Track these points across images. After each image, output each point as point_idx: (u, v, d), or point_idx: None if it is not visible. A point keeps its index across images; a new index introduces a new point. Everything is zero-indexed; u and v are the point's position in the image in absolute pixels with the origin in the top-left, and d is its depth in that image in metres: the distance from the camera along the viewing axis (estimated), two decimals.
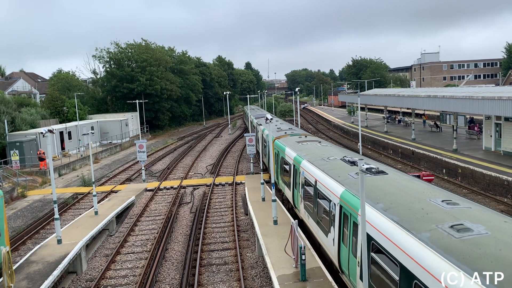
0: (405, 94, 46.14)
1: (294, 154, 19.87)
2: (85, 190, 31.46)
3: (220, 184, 31.98)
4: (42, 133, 18.33)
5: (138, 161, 38.73)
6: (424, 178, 21.61)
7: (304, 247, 13.19)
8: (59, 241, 18.15)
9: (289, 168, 20.45)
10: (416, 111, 48.74)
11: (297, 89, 50.04)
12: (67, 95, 61.48)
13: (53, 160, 26.13)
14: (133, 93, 68.44)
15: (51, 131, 18.59)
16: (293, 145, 21.70)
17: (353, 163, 13.96)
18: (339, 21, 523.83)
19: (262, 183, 23.97)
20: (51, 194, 22.98)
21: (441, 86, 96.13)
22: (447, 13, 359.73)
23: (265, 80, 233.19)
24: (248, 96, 77.87)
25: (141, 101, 62.34)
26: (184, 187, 31.58)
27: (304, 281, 13.13)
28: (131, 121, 62.64)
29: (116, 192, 30.19)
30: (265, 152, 30.52)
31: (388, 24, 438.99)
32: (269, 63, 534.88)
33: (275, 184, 20.34)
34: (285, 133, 27.15)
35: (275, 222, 18.71)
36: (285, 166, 21.61)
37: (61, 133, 45.68)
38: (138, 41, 77.21)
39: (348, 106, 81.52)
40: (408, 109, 56.10)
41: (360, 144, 34.19)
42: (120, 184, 33.42)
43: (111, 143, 55.07)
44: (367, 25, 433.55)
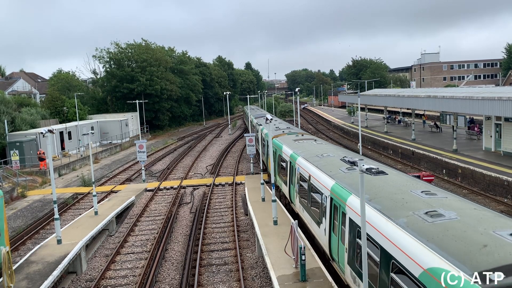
0: (405, 94, 46.15)
1: (290, 151, 20.51)
2: (85, 190, 31.46)
3: (220, 184, 31.98)
4: (42, 133, 18.33)
5: (138, 161, 38.74)
6: (424, 178, 21.62)
7: (304, 248, 13.19)
8: (59, 241, 18.15)
9: (286, 165, 21.08)
10: (416, 112, 48.74)
11: (297, 89, 50.02)
12: (67, 95, 61.49)
13: (53, 160, 26.13)
14: (133, 93, 68.44)
15: (51, 131, 18.60)
16: (289, 143, 22.38)
17: (351, 162, 14.21)
18: (338, 22, 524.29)
19: (262, 183, 23.96)
20: (51, 194, 22.98)
21: (441, 86, 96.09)
22: (446, 13, 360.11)
23: (265, 80, 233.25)
24: (248, 96, 77.87)
25: (141, 101, 62.37)
26: (184, 187, 31.57)
27: (304, 281, 13.12)
28: (131, 121, 62.64)
29: (116, 192, 30.18)
30: (264, 151, 31.02)
31: (387, 24, 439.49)
32: (269, 63, 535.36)
33: (275, 184, 20.36)
34: (283, 132, 27.76)
35: (275, 222, 18.71)
36: (282, 163, 22.17)
37: (61, 133, 45.68)
38: (138, 41, 77.35)
39: (348, 106, 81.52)
40: (408, 109, 56.11)
41: (360, 144, 34.20)
42: (120, 184, 33.41)
43: (111, 143, 55.07)
44: (366, 25, 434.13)
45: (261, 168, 27.15)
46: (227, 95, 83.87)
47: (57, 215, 18.46)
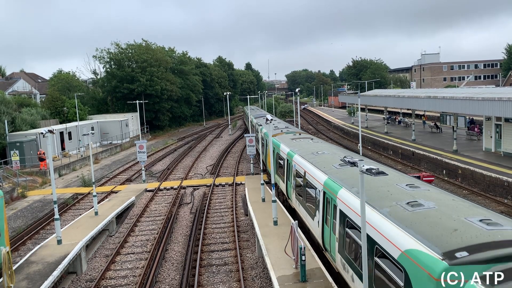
0: (405, 95, 46.18)
1: (287, 149, 21.29)
2: (85, 190, 31.46)
3: (220, 184, 31.98)
4: (42, 133, 18.33)
5: (138, 162, 38.74)
6: (424, 179, 21.62)
7: (304, 248, 13.19)
8: (59, 242, 18.15)
9: (283, 162, 21.87)
10: (416, 112, 48.74)
11: (297, 90, 49.79)
12: (67, 95, 61.49)
13: (53, 160, 26.16)
14: (133, 93, 68.44)
15: (51, 132, 18.60)
16: (287, 142, 23.26)
17: (346, 161, 14.93)
18: (338, 22, 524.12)
19: (262, 184, 23.96)
20: (51, 194, 22.98)
21: (441, 87, 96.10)
22: (445, 14, 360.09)
23: (265, 80, 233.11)
24: (248, 96, 77.80)
25: (141, 101, 62.34)
26: (184, 188, 31.57)
27: (304, 281, 13.12)
28: (131, 121, 62.64)
29: (116, 192, 30.18)
30: (263, 151, 31.53)
31: (386, 25, 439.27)
32: (269, 64, 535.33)
33: (275, 185, 20.40)
34: (281, 131, 28.60)
35: (275, 222, 18.71)
36: (280, 161, 22.88)
37: (61, 134, 45.69)
38: (138, 41, 77.37)
39: (348, 106, 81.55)
40: (408, 110, 56.11)
41: (360, 145, 34.21)
42: (120, 184, 33.42)
43: (111, 143, 55.08)
44: (365, 26, 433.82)
45: (261, 168, 27.16)
46: (227, 96, 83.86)
47: (57, 215, 18.46)
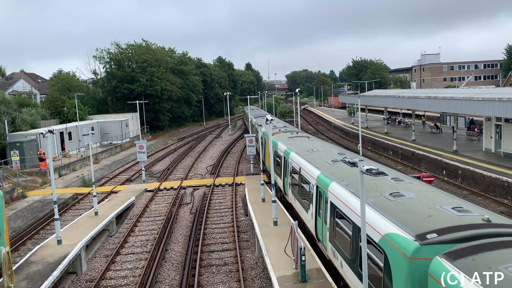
0: (405, 95, 46.17)
1: (284, 147, 22.29)
2: (85, 190, 31.46)
3: (220, 184, 31.98)
4: (42, 133, 18.35)
5: (138, 162, 38.74)
6: (424, 179, 21.60)
7: (304, 248, 13.19)
8: (59, 242, 18.15)
9: (281, 160, 22.87)
10: (416, 112, 48.75)
11: (297, 90, 49.81)
12: (68, 95, 61.48)
13: (53, 160, 26.16)
14: (133, 93, 68.43)
15: (51, 132, 18.60)
16: (284, 140, 24.23)
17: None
18: (337, 23, 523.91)
19: (262, 184, 23.98)
20: (51, 194, 22.97)
21: (441, 87, 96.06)
22: (444, 15, 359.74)
23: (265, 81, 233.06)
24: (248, 97, 77.80)
25: (141, 101, 62.32)
26: (184, 188, 31.57)
27: (304, 282, 13.12)
28: (131, 121, 62.64)
29: (116, 192, 30.18)
30: (262, 150, 31.97)
31: (385, 25, 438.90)
32: (269, 64, 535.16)
33: (275, 185, 20.44)
34: (279, 130, 29.67)
35: (275, 223, 18.71)
36: (277, 158, 23.65)
37: (61, 134, 45.68)
38: (138, 41, 77.37)
39: (348, 107, 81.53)
40: (408, 110, 56.10)
41: (360, 145, 34.20)
42: (120, 184, 33.41)
43: (111, 143, 55.08)
44: (364, 26, 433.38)
45: (261, 168, 27.19)
46: (227, 96, 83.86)
47: (57, 216, 18.46)
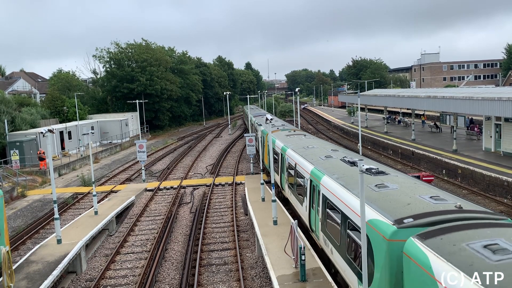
0: (405, 94, 46.15)
1: (281, 144, 23.22)
2: (85, 190, 31.46)
3: (220, 184, 31.99)
4: (42, 132, 18.33)
5: (138, 161, 38.75)
6: (423, 178, 21.60)
7: (304, 248, 13.20)
8: (59, 241, 18.15)
9: (278, 157, 23.77)
10: (416, 112, 48.75)
11: (297, 90, 49.91)
12: (67, 95, 61.49)
13: (53, 160, 26.12)
14: (133, 93, 68.44)
15: (51, 131, 18.59)
16: (282, 138, 25.24)
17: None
18: (336, 22, 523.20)
19: (262, 183, 24.00)
20: (51, 194, 22.99)
21: (441, 86, 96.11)
22: (442, 15, 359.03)
23: (265, 80, 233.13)
24: (248, 96, 77.86)
25: (141, 101, 62.34)
26: (184, 187, 31.58)
27: (303, 281, 13.13)
28: (131, 121, 62.63)
29: (116, 192, 30.18)
30: (261, 148, 32.23)
31: (383, 25, 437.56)
32: (269, 64, 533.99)
33: (275, 184, 20.49)
34: (277, 128, 30.69)
35: (275, 222, 18.72)
36: (275, 155, 24.25)
37: (61, 133, 45.66)
38: (138, 41, 77.32)
39: (348, 106, 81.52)
40: (408, 109, 56.11)
41: (360, 144, 34.21)
42: (120, 184, 33.41)
43: (111, 143, 55.07)
44: (363, 26, 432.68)
45: (261, 168, 27.21)
46: (227, 95, 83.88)
47: (57, 215, 18.46)
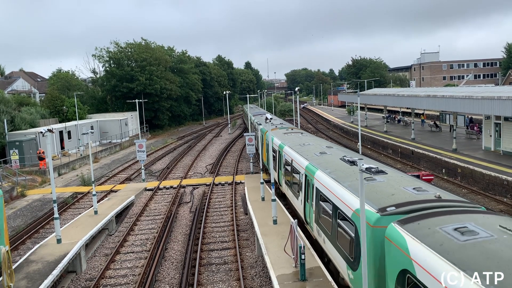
0: (405, 94, 46.14)
1: (279, 142, 24.02)
2: (84, 189, 31.46)
3: (219, 183, 31.99)
4: (41, 132, 18.30)
5: (137, 161, 38.73)
6: (423, 178, 21.59)
7: (303, 247, 13.19)
8: (59, 241, 18.15)
9: (275, 154, 24.47)
10: (415, 111, 48.74)
11: (296, 89, 49.82)
12: (67, 94, 61.45)
13: (52, 159, 26.07)
14: (132, 92, 68.39)
15: (50, 131, 18.56)
16: (280, 136, 26.10)
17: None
18: (335, 22, 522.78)
19: (261, 183, 24.00)
20: (51, 193, 22.97)
21: (441, 85, 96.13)
22: (441, 14, 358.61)
23: (265, 79, 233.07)
24: (248, 95, 77.84)
25: (140, 100, 62.28)
26: (183, 187, 31.57)
27: (303, 280, 13.13)
28: (131, 120, 62.61)
29: (115, 191, 30.17)
30: (260, 146, 32.50)
31: (381, 25, 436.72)
32: (269, 63, 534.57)
33: (275, 183, 20.50)
34: (276, 126, 31.59)
35: (275, 221, 18.72)
36: (273, 153, 24.88)
37: (61, 133, 45.62)
38: (137, 40, 77.30)
39: (347, 105, 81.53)
40: (407, 108, 56.10)
41: (359, 143, 34.21)
42: (119, 183, 33.40)
43: (110, 142, 55.05)
44: (362, 26, 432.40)
45: (261, 167, 27.22)
46: (227, 95, 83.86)
47: (56, 215, 18.45)
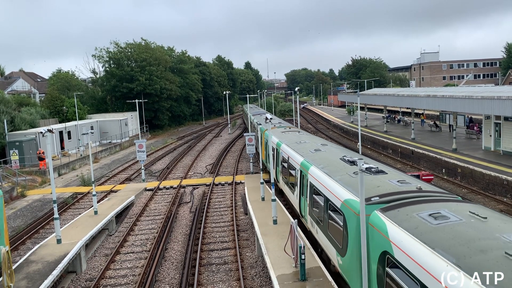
0: (405, 93, 46.13)
1: (277, 140, 25.02)
2: (84, 189, 31.45)
3: (219, 183, 31.99)
4: (41, 132, 18.31)
5: (137, 161, 38.73)
6: (423, 178, 21.57)
7: (303, 247, 13.19)
8: (59, 241, 18.15)
9: (273, 152, 25.00)
10: (415, 111, 48.73)
11: (296, 89, 49.80)
12: (67, 94, 61.45)
13: (52, 159, 26.08)
14: (132, 92, 68.39)
15: (50, 131, 18.57)
16: (278, 134, 27.12)
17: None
18: (334, 22, 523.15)
19: (261, 183, 24.00)
20: (51, 193, 22.98)
21: (441, 85, 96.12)
22: (440, 14, 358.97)
23: (265, 79, 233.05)
24: (247, 95, 77.87)
25: (140, 100, 62.28)
26: (183, 187, 31.57)
27: (303, 280, 13.13)
28: (131, 120, 62.60)
29: (115, 191, 30.17)
30: (260, 144, 32.68)
31: (381, 25, 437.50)
32: (268, 63, 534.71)
33: (275, 183, 20.54)
34: (274, 126, 32.15)
35: (275, 221, 18.72)
36: (272, 151, 25.04)
37: (61, 133, 45.62)
38: (137, 40, 77.30)
39: (347, 105, 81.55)
40: (407, 108, 56.10)
41: (359, 143, 34.20)
42: (119, 183, 33.40)
43: (110, 142, 55.05)
44: (361, 26, 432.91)
45: (261, 166, 27.26)
46: (227, 95, 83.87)
47: (56, 215, 18.45)
